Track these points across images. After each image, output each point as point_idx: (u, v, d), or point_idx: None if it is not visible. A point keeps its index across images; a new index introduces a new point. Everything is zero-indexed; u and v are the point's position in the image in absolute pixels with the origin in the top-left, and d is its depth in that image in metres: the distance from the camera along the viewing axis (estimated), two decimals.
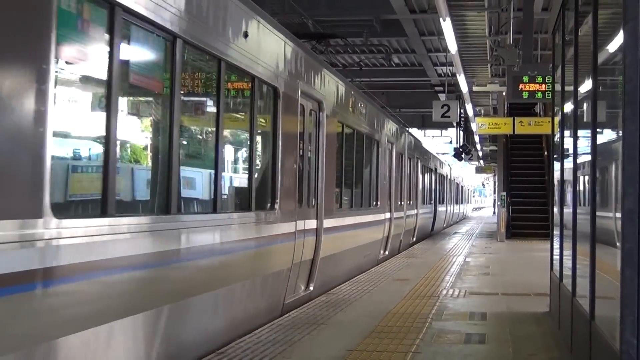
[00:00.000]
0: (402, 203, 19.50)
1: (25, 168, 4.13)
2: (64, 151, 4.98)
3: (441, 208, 32.25)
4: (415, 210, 22.47)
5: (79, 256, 4.58)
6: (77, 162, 5.19)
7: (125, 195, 5.70)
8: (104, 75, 4.98)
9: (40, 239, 4.20)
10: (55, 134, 4.35)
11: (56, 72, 4.35)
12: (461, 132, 36.38)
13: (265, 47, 8.01)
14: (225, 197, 7.48)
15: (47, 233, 4.25)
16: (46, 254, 4.27)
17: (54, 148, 4.37)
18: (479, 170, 64.46)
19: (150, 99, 6.18)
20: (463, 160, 41.75)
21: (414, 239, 22.59)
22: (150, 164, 6.12)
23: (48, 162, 4.25)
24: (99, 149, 5.09)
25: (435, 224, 29.70)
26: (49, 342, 4.41)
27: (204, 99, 7.08)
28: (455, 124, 34.74)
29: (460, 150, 35.65)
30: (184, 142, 6.66)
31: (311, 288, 10.23)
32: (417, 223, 22.83)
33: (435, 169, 29.93)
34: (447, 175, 36.36)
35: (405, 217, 19.88)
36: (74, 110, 5.04)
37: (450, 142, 46.76)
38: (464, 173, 60.64)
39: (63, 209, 4.71)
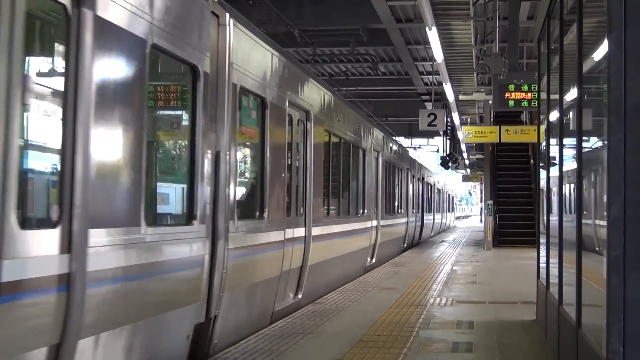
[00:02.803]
0: (263, 213, 8.41)
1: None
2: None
3: (398, 220, 22.07)
4: (307, 230, 10.58)
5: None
6: None
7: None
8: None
9: None
10: None
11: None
12: (448, 141, 36.49)
13: None
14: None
15: None
16: None
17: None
18: (465, 178, 64.71)
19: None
20: (450, 169, 41.93)
21: (298, 295, 10.42)
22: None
23: None
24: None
25: (377, 251, 17.79)
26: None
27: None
28: (441, 133, 34.85)
29: (447, 158, 35.77)
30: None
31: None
32: (305, 258, 10.45)
33: (382, 156, 18.83)
34: (415, 175, 27.30)
35: (285, 248, 9.30)
36: None
37: (437, 151, 46.91)
38: (444, 176, 51.72)
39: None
